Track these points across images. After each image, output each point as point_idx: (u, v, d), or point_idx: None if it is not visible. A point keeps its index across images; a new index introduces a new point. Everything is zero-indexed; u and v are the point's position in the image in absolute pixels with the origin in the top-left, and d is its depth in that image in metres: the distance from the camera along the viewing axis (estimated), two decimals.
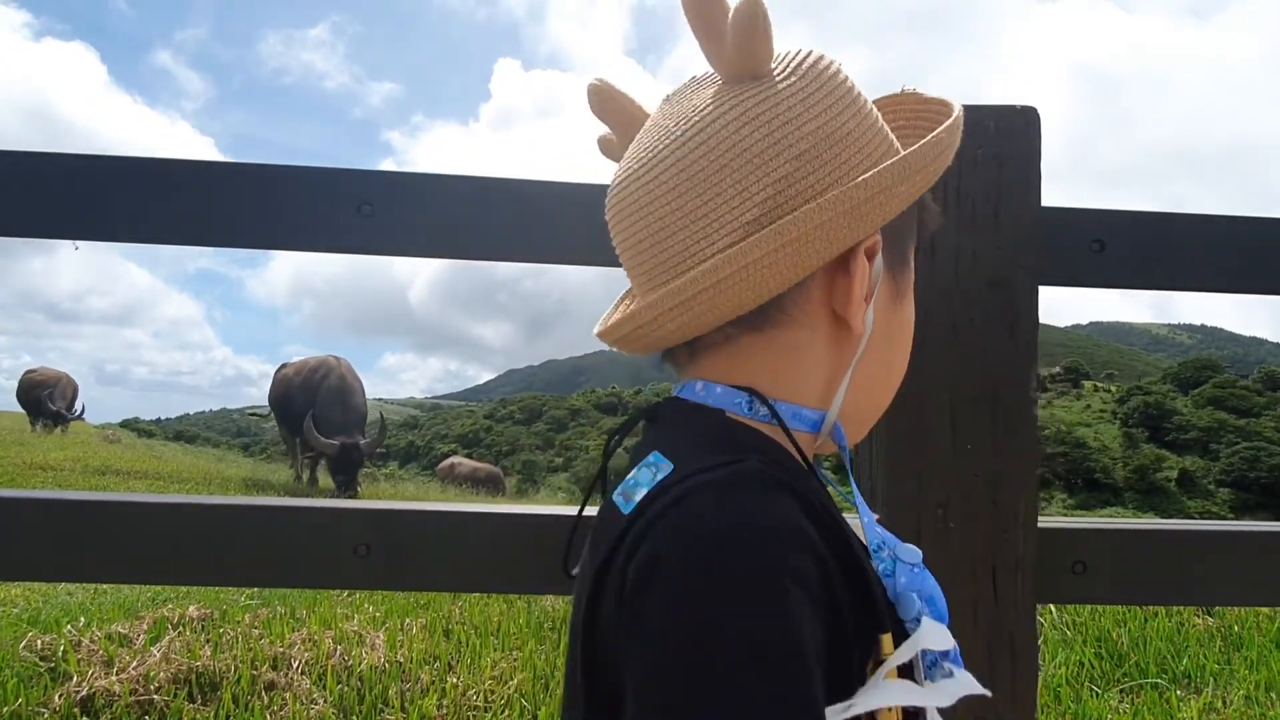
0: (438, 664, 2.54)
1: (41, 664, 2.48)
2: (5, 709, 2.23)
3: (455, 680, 2.42)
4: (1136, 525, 1.10)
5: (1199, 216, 1.11)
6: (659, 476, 0.48)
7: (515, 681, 2.41)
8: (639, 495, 0.47)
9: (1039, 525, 1.00)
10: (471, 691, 2.36)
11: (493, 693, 2.37)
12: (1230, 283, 1.10)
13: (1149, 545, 1.07)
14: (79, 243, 1.15)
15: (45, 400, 15.65)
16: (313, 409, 10.36)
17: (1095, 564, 1.06)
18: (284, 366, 11.88)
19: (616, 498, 0.49)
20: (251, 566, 1.02)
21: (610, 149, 0.65)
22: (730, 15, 0.51)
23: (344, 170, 1.06)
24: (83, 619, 2.94)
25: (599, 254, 0.99)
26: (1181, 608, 3.15)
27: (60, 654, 2.52)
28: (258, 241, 1.08)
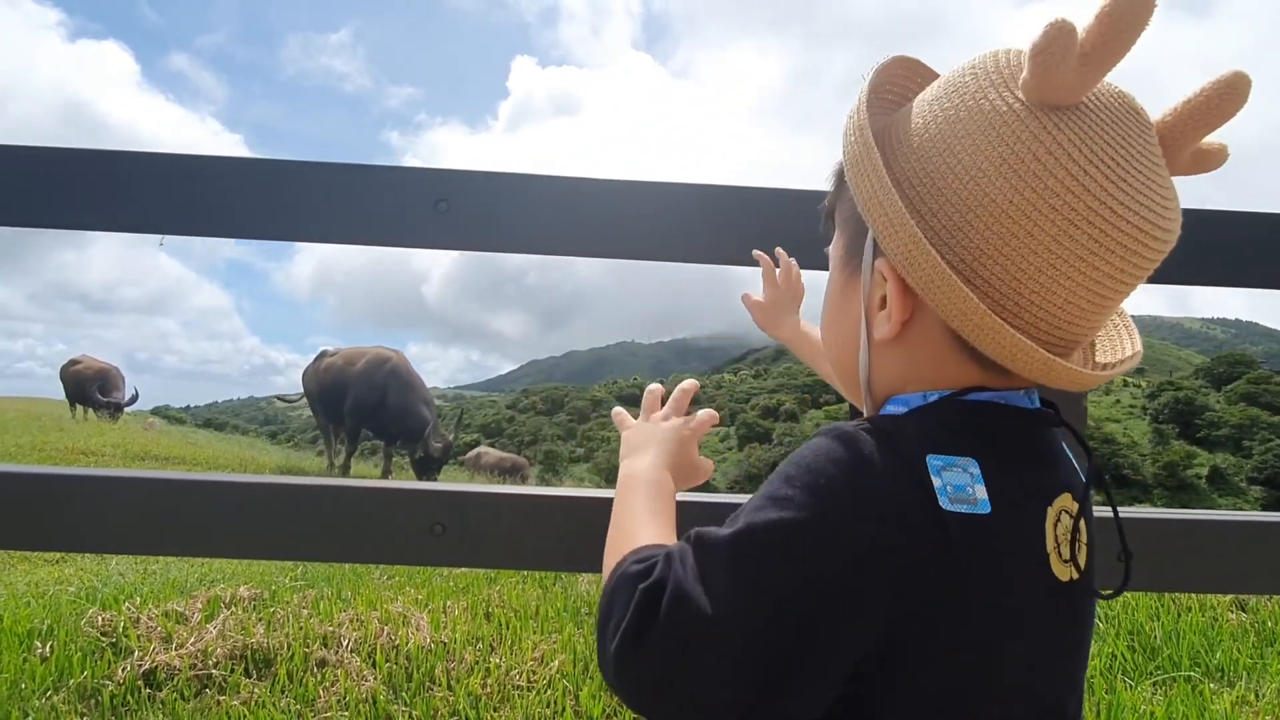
0: (480, 645, 2.62)
1: (103, 639, 2.59)
2: (72, 681, 2.34)
3: (498, 661, 2.49)
4: (1174, 515, 1.13)
5: None
6: None
7: (556, 663, 2.48)
8: None
9: None
10: (515, 672, 2.43)
11: (534, 673, 2.44)
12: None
13: (1186, 535, 1.11)
14: (164, 238, 1.21)
15: (96, 395, 15.97)
16: (425, 405, 10.53)
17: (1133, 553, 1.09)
18: (326, 354, 11.81)
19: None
20: (336, 543, 1.08)
21: (1067, 68, 0.53)
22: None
23: (421, 169, 1.11)
24: (137, 597, 3.05)
25: (669, 251, 1.04)
26: (1215, 603, 3.15)
27: (121, 630, 2.63)
28: (337, 236, 1.14)
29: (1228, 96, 0.57)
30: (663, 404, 0.91)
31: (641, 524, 0.69)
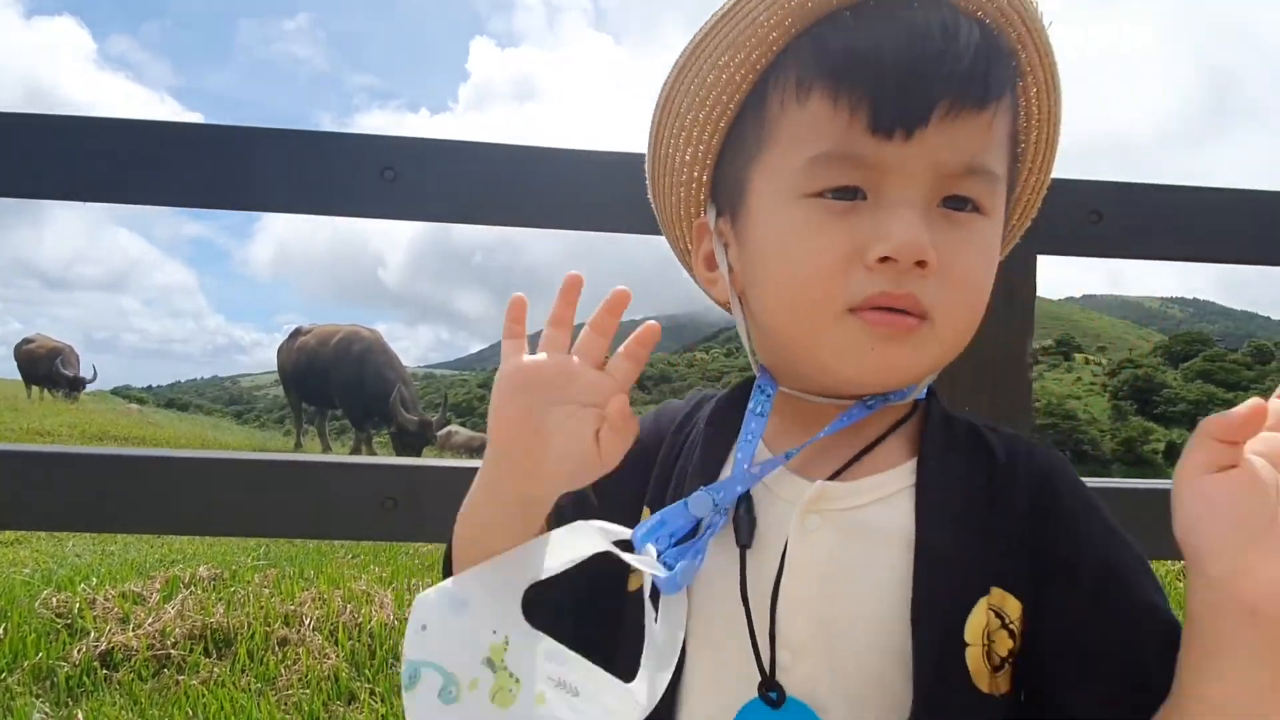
0: None
1: (58, 620, 2.55)
2: (26, 663, 2.30)
3: None
4: (1134, 485, 1.16)
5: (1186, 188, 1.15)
6: None
7: None
8: None
9: None
10: None
11: None
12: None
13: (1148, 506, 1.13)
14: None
15: (59, 368, 15.57)
16: (401, 385, 10.32)
17: None
18: (300, 333, 11.54)
19: None
20: (286, 518, 1.06)
21: None
22: None
23: (367, 135, 1.08)
24: (94, 578, 3.00)
25: (625, 222, 1.03)
26: (1164, 571, 3.25)
27: (76, 611, 2.58)
28: (281, 206, 1.10)
29: None
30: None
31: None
